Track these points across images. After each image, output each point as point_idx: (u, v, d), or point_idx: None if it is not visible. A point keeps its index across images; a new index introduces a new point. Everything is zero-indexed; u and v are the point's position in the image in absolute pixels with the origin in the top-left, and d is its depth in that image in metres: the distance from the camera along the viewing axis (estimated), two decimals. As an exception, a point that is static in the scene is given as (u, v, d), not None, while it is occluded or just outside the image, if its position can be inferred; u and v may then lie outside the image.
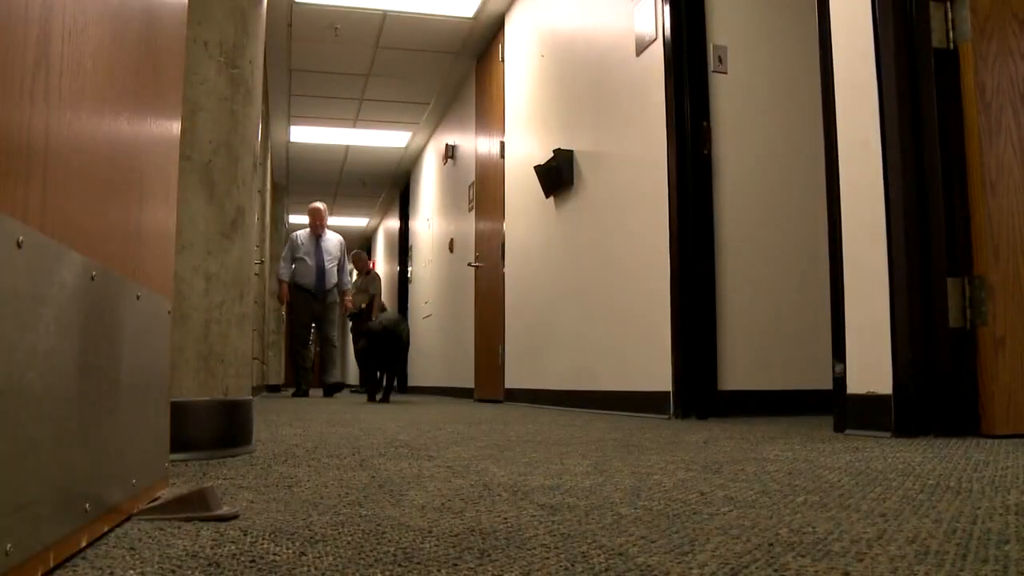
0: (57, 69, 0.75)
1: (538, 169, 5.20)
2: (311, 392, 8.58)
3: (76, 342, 0.82)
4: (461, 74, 7.89)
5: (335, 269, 8.13)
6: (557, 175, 4.96)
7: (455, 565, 0.82)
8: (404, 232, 11.86)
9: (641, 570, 0.80)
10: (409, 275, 11.25)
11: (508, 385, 5.99)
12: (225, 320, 1.99)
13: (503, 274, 6.23)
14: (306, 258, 7.94)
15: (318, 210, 8.20)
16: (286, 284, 8.02)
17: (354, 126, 9.55)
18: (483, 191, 7.06)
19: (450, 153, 8.53)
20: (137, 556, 0.87)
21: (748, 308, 3.82)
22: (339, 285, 8.24)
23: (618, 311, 4.22)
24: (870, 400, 2.45)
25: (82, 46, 0.82)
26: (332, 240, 8.20)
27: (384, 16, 6.67)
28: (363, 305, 10.95)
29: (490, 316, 6.57)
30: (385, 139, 10.09)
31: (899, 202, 2.42)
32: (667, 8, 3.85)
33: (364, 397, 7.61)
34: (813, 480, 1.45)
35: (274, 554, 0.88)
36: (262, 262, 7.46)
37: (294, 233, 8.17)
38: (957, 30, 2.43)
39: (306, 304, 7.95)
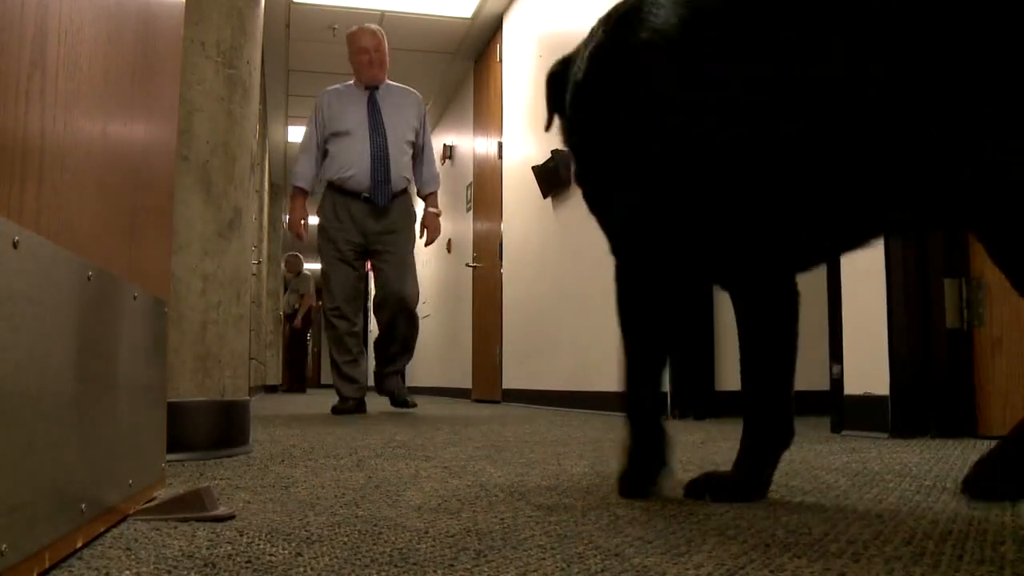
0: (53, 69, 0.75)
1: (536, 170, 5.20)
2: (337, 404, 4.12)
3: (72, 343, 0.82)
4: (459, 74, 7.89)
5: (407, 156, 4.07)
6: (555, 176, 4.95)
7: (451, 566, 0.82)
8: (402, 232, 11.84)
9: (637, 571, 0.80)
10: (407, 275, 11.23)
11: (506, 385, 5.99)
12: (222, 320, 1.99)
13: (501, 275, 6.23)
14: (351, 132, 3.96)
15: (367, 36, 4.10)
16: (300, 196, 4.03)
17: (352, 126, 9.54)
18: (481, 192, 7.06)
19: (448, 153, 8.53)
20: (133, 556, 0.87)
21: (745, 309, 3.82)
22: (419, 188, 4.22)
23: (615, 311, 4.21)
24: (867, 401, 2.45)
25: (78, 46, 0.82)
26: (400, 98, 4.16)
27: (382, 16, 6.67)
28: (296, 306, 10.81)
29: (488, 317, 6.57)
30: (383, 139, 10.08)
31: (896, 203, 2.42)
32: (665, 9, 3.85)
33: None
34: (810, 481, 1.45)
35: (270, 555, 0.88)
36: (259, 262, 7.43)
37: (323, 92, 4.15)
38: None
39: (352, 225, 3.94)
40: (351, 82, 4.19)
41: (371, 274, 4.14)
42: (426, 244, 4.23)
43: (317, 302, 11.73)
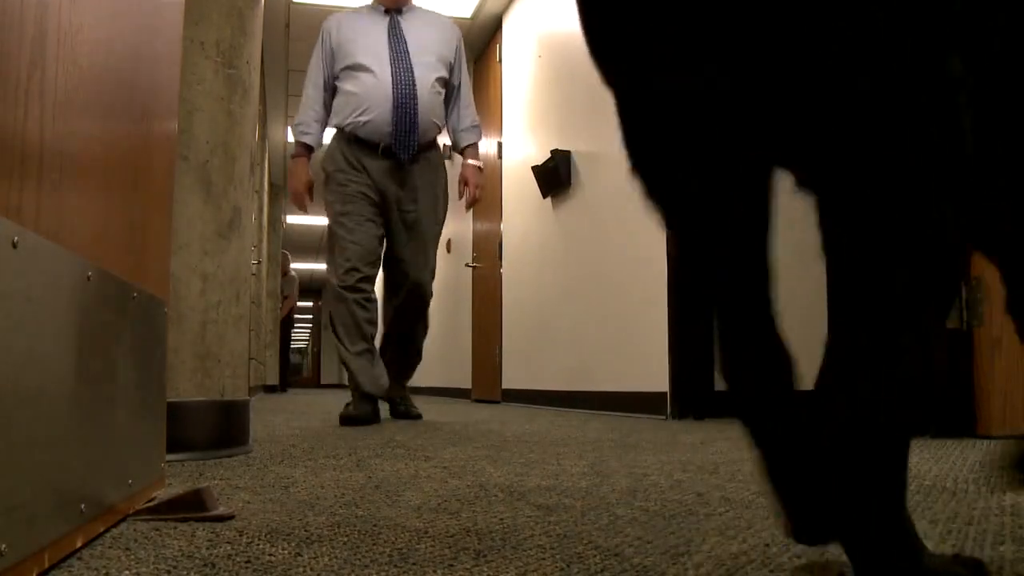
0: (53, 69, 0.75)
1: (536, 170, 5.20)
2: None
3: (72, 342, 0.82)
4: (459, 74, 7.89)
5: (440, 97, 3.24)
6: (555, 176, 4.96)
7: (451, 566, 0.82)
8: (402, 232, 11.84)
9: (637, 571, 0.80)
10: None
11: (505, 385, 5.99)
12: (222, 320, 1.99)
13: (501, 275, 6.23)
14: (367, 66, 3.13)
15: None
16: (305, 155, 3.24)
17: (352, 126, 9.52)
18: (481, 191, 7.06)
19: (448, 153, 8.52)
20: (132, 556, 0.87)
21: (745, 309, 3.82)
22: (454, 140, 3.46)
23: (615, 311, 4.22)
24: (867, 401, 2.45)
25: (78, 46, 0.82)
26: (430, 23, 3.32)
27: (382, 16, 6.66)
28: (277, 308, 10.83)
29: (487, 316, 6.57)
30: (383, 139, 10.05)
31: (896, 203, 2.42)
32: (665, 9, 3.84)
33: None
34: (809, 481, 1.45)
35: (270, 555, 0.88)
36: (259, 262, 7.43)
37: (330, 17, 3.38)
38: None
39: (367, 183, 3.15)
40: (368, 3, 3.32)
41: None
42: (468, 206, 3.45)
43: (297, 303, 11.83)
